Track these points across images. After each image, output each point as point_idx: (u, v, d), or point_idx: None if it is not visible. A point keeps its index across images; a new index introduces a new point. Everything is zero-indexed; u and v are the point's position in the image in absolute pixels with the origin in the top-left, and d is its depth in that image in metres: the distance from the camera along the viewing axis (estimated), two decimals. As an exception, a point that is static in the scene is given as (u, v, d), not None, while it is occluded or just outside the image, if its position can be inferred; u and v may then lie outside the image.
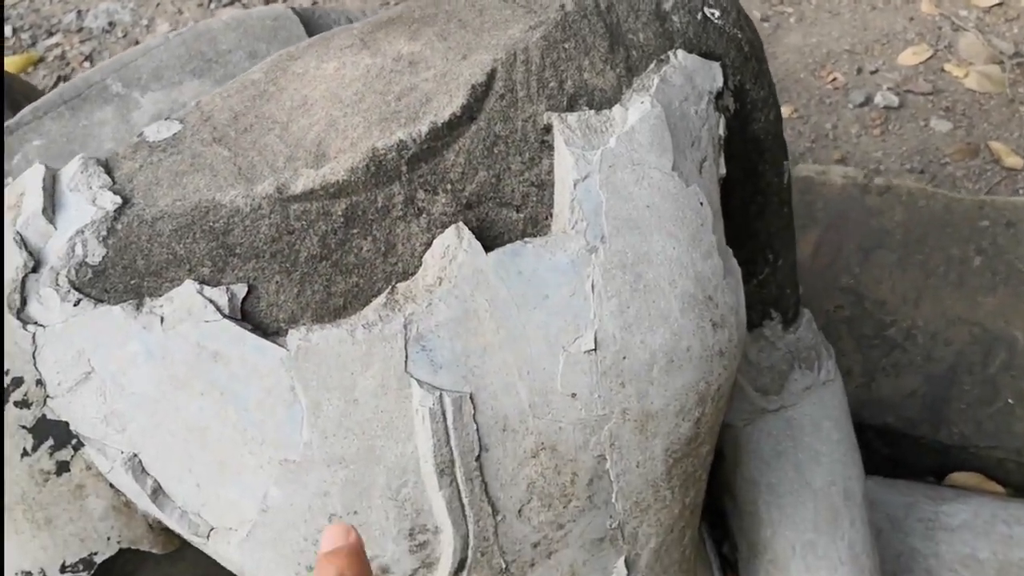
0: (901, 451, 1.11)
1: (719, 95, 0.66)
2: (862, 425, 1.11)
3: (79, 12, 2.34)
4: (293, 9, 0.98)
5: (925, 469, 1.12)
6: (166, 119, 0.60)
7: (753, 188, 0.75)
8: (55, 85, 2.15)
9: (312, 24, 0.99)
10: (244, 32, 0.95)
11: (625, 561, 0.67)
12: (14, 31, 2.32)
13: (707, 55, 0.65)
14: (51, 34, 2.33)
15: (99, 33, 2.30)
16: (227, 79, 0.91)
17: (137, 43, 2.27)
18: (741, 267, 0.66)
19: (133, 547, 0.60)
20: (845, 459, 0.88)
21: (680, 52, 0.63)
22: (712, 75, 0.65)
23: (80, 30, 2.31)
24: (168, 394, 0.53)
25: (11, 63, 2.16)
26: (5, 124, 0.90)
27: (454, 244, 0.55)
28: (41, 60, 2.19)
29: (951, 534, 0.98)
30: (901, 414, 1.10)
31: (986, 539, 0.97)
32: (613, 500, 0.62)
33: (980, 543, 0.97)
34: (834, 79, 1.95)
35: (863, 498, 0.88)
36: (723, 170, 0.67)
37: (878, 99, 1.87)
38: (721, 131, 0.66)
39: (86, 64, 2.13)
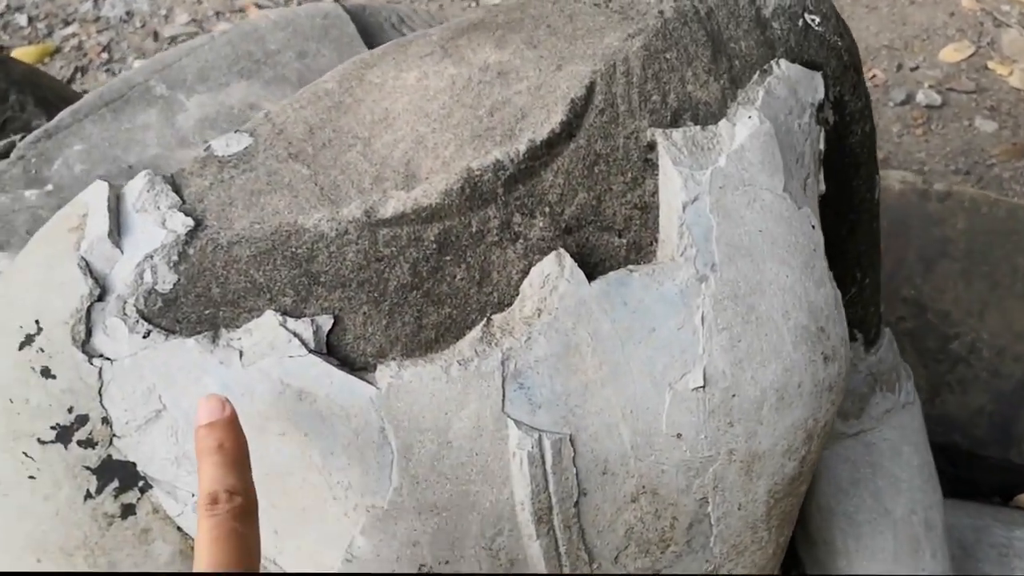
0: (967, 471, 1.07)
1: (820, 107, 0.62)
2: (926, 443, 1.07)
3: (95, 1, 2.29)
4: (342, 6, 0.93)
5: (992, 489, 1.08)
6: (235, 132, 0.56)
7: (847, 205, 0.70)
8: (72, 76, 2.11)
9: (362, 21, 0.95)
10: (293, 31, 0.90)
11: (716, 605, 0.62)
12: (30, 20, 2.27)
13: (808, 64, 0.61)
14: (67, 24, 2.28)
15: (116, 23, 2.25)
16: (276, 81, 0.86)
17: (155, 33, 2.22)
18: (830, 287, 0.62)
19: (199, 592, 0.56)
20: (925, 486, 0.84)
21: (783, 62, 0.59)
22: (814, 86, 0.61)
23: (97, 19, 2.27)
24: (247, 435, 0.49)
25: (27, 54, 2.12)
26: (44, 128, 0.85)
27: (554, 272, 0.50)
28: (57, 51, 2.14)
29: (1027, 561, 0.94)
30: (967, 432, 1.06)
31: (1065, 567, 0.93)
32: (711, 544, 0.58)
33: (1058, 571, 0.93)
34: (873, 76, 1.90)
35: (944, 528, 0.84)
36: (823, 187, 0.62)
37: (920, 97, 1.82)
38: (821, 145, 0.62)
39: (103, 55, 2.08)
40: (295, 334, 0.49)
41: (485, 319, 0.51)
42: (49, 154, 0.84)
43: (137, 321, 0.49)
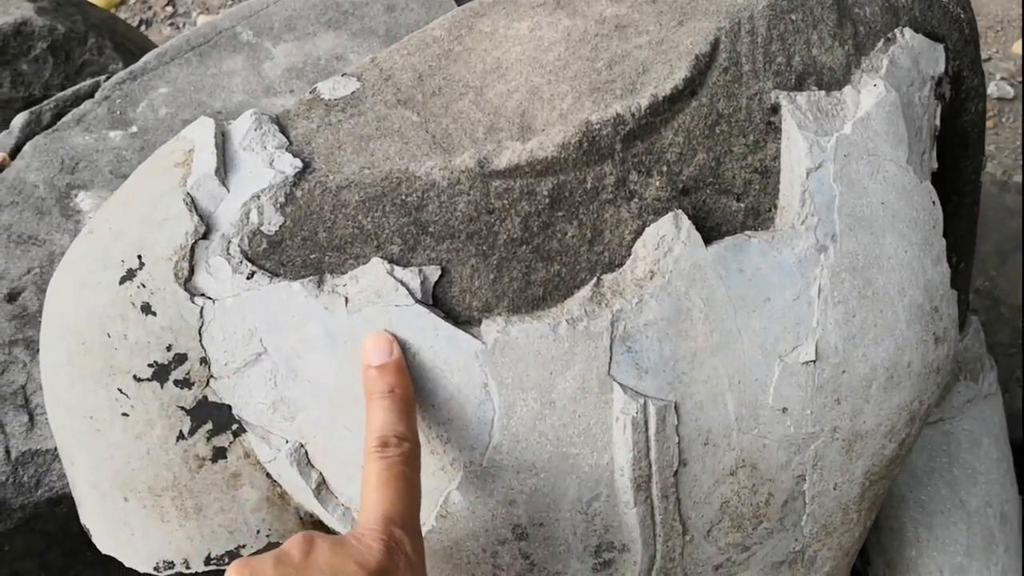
0: (1036, 469, 1.04)
1: (939, 81, 0.59)
2: (993, 438, 1.04)
3: (159, -46, 2.29)
4: (430, -39, 0.92)
5: (1059, 489, 1.05)
6: (342, 75, 0.54)
7: (951, 185, 0.68)
8: (137, 28, 2.10)
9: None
10: (381, -18, 0.89)
11: (799, 586, 0.61)
12: (93, -30, 2.27)
13: (931, 35, 0.58)
14: (131, -25, 2.28)
15: (180, -24, 2.24)
16: (363, 33, 0.85)
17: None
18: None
19: (281, 541, 0.55)
20: (1003, 480, 0.81)
21: (907, 31, 0.56)
22: (936, 58, 0.58)
23: (161, -28, 2.26)
24: (348, 384, 0.48)
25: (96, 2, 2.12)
26: (129, 69, 0.85)
27: (670, 234, 0.49)
28: (123, 2, 2.14)
29: (1097, 563, 0.92)
30: (1038, 429, 1.03)
31: None
32: (803, 523, 0.56)
33: None
34: (943, 65, 1.85)
35: (1019, 524, 0.82)
36: (935, 163, 0.60)
37: (991, 89, 1.77)
38: (937, 121, 0.60)
39: (168, 8, 2.07)
40: (402, 283, 0.48)
41: (595, 279, 0.49)
42: (134, 96, 0.83)
43: (241, 261, 0.48)
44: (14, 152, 0.77)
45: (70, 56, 0.95)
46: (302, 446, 0.50)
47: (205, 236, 0.49)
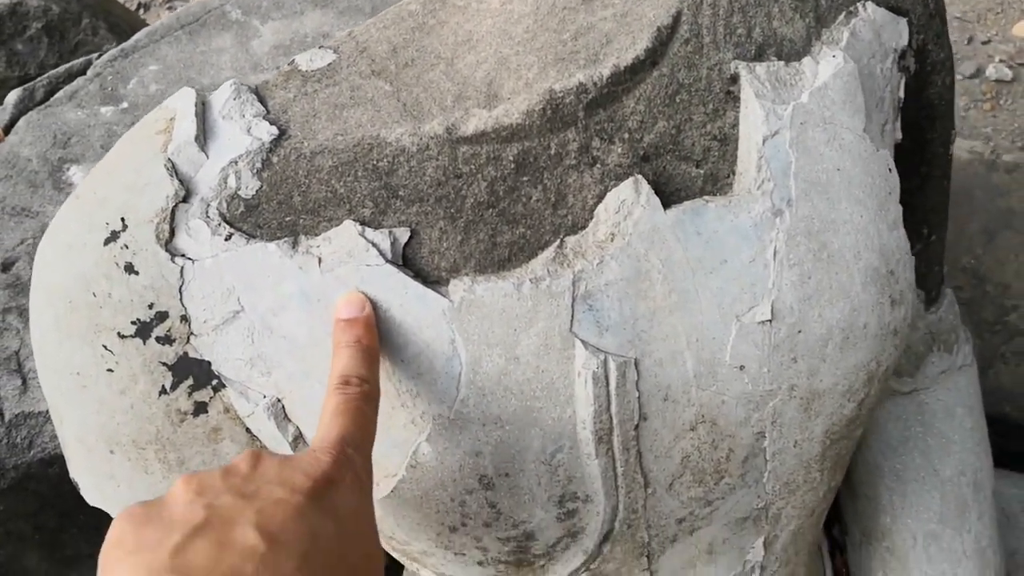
0: (1018, 443, 1.06)
1: (902, 54, 0.61)
2: (976, 413, 1.06)
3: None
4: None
5: (1040, 463, 1.07)
6: (319, 48, 0.57)
7: (919, 158, 0.69)
8: (136, 11, 2.12)
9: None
10: (369, -37, 0.90)
11: (764, 542, 0.63)
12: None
13: (894, 9, 0.60)
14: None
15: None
16: (350, 11, 0.87)
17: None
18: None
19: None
20: (977, 449, 0.83)
21: (869, 4, 0.58)
22: (899, 31, 0.60)
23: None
24: (321, 340, 0.50)
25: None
26: (120, 47, 0.87)
27: (630, 198, 0.51)
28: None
29: (1073, 534, 0.93)
30: (1020, 404, 1.05)
31: (1111, 541, 0.92)
32: (764, 480, 0.58)
33: (1104, 545, 0.92)
34: (941, 48, 1.86)
35: (993, 492, 0.83)
36: (899, 135, 0.62)
37: (990, 71, 1.78)
38: (901, 93, 0.61)
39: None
40: (373, 244, 0.50)
41: (558, 241, 0.51)
42: (125, 73, 0.86)
43: (220, 224, 0.51)
44: (8, 127, 0.79)
45: (64, 36, 0.97)
46: (279, 400, 0.52)
47: (185, 200, 0.51)
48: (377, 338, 0.49)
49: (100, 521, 0.59)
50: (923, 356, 0.81)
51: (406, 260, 0.51)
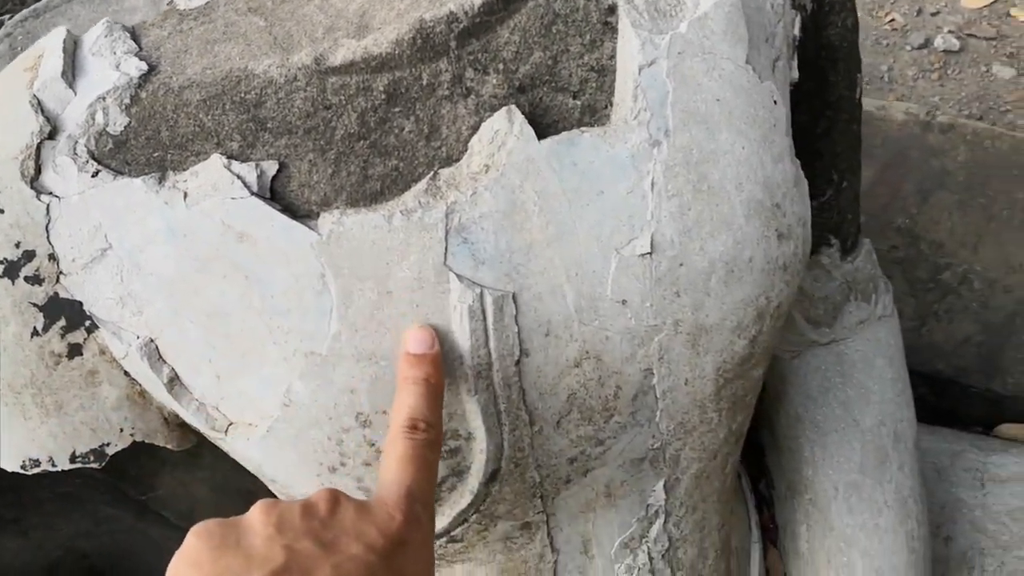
0: (950, 400, 1.06)
1: (796, -9, 0.61)
2: (910, 371, 1.06)
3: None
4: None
5: (974, 419, 1.07)
6: (197, -14, 0.56)
7: (823, 101, 0.69)
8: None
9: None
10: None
11: (664, 485, 0.63)
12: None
13: (786, -55, 0.60)
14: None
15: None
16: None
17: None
18: (803, 186, 0.61)
19: (147, 440, 0.57)
20: (897, 399, 0.83)
21: (758, -62, 0.57)
22: (790, -33, 0.60)
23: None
24: (189, 276, 0.49)
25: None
26: (32, 8, 0.85)
27: (504, 129, 0.50)
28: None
29: (1000, 486, 0.94)
30: (952, 361, 1.05)
31: (1037, 492, 0.92)
32: (657, 419, 0.58)
33: (1031, 496, 0.92)
34: (892, 20, 1.86)
35: (914, 442, 0.83)
36: (795, 73, 0.61)
37: (938, 42, 1.78)
38: (796, 31, 0.61)
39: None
40: (238, 176, 0.49)
41: (432, 173, 0.51)
42: (36, 33, 0.84)
43: (87, 161, 0.50)
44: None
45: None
46: (152, 341, 0.52)
47: (52, 137, 0.50)
48: (444, 378, 0.50)
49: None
50: (840, 306, 0.81)
51: (275, 194, 0.50)
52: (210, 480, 0.98)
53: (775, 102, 0.55)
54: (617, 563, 0.66)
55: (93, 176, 0.50)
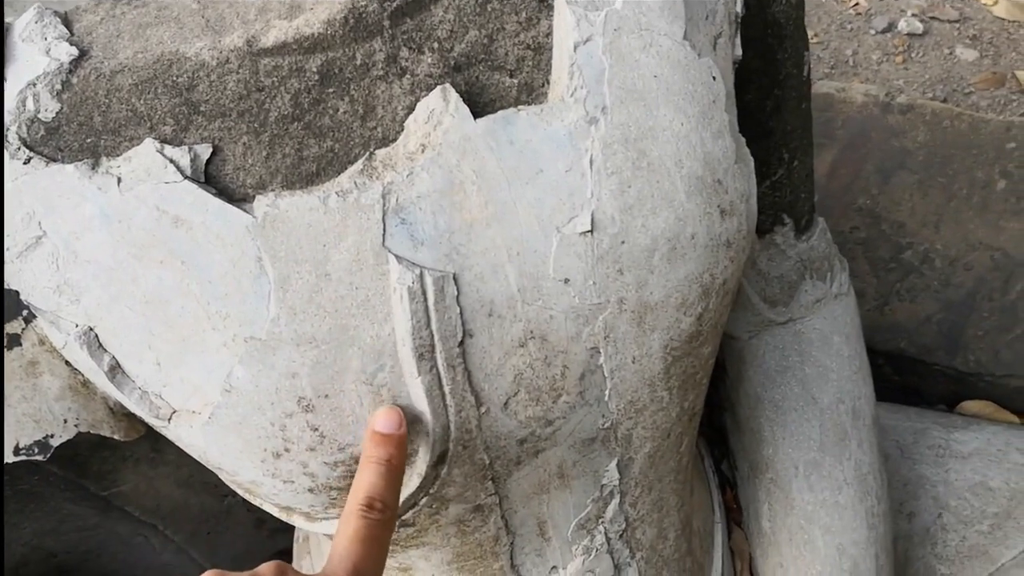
0: (913, 378, 1.07)
1: (737, -32, 0.61)
2: (873, 351, 1.07)
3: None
4: None
5: (937, 397, 1.08)
6: (132, -29, 0.55)
7: (770, 80, 0.69)
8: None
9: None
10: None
11: (617, 465, 0.63)
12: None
13: (726, -78, 0.60)
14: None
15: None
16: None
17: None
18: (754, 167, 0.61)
19: (93, 431, 0.57)
20: (855, 377, 0.84)
21: (696, -85, 0.57)
22: (731, -56, 0.59)
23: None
24: (125, 263, 0.49)
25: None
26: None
27: (439, 108, 0.50)
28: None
29: (962, 462, 0.94)
30: (915, 340, 1.06)
31: (998, 467, 0.93)
32: (606, 398, 0.58)
33: (992, 471, 0.93)
34: (856, 4, 1.87)
35: (873, 419, 0.84)
36: (739, 51, 0.61)
37: (901, 25, 1.79)
38: (739, 8, 0.61)
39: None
40: (172, 161, 0.48)
41: (368, 153, 0.50)
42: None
43: (19, 148, 0.49)
44: None
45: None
46: (91, 329, 0.51)
47: (-18, 124, 0.49)
48: (405, 459, 0.51)
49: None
50: (796, 285, 0.81)
51: (210, 178, 0.50)
52: (175, 475, 0.97)
53: (714, 78, 0.55)
54: (574, 544, 0.66)
55: (25, 163, 0.49)
